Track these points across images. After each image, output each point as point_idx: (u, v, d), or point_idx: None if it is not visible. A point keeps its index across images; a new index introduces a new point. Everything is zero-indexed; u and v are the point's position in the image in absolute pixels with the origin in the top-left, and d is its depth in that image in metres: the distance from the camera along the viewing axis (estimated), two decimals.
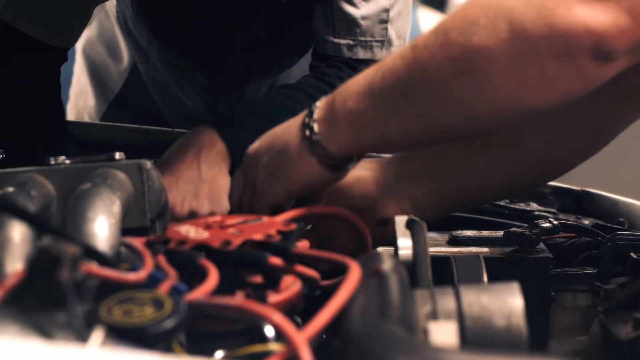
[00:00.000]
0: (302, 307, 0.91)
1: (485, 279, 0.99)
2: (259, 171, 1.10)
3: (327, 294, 0.80)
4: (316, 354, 0.69)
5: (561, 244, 1.28)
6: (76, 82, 2.05)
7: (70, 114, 2.00)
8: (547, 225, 1.23)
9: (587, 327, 1.14)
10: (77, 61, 2.06)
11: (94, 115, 2.00)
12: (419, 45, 0.98)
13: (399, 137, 1.03)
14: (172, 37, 1.73)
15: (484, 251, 1.18)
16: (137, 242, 0.87)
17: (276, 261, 0.86)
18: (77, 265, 0.70)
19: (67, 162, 0.99)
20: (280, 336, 0.76)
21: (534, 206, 1.51)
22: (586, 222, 1.41)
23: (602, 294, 1.09)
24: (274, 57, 1.77)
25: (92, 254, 0.77)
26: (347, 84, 1.04)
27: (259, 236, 0.90)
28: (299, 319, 0.90)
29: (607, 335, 1.02)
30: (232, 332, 0.81)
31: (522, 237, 1.19)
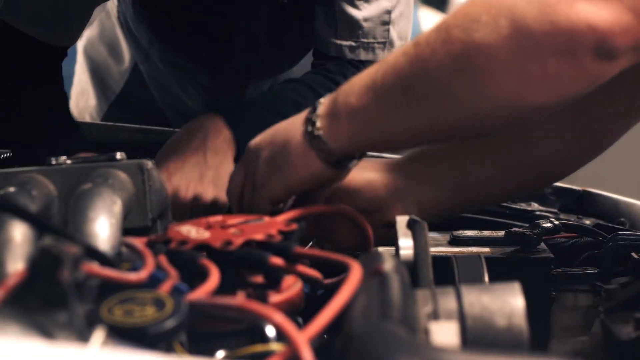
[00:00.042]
0: (303, 307, 0.91)
1: (486, 279, 0.98)
2: (259, 165, 1.10)
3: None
4: (317, 354, 0.69)
5: (562, 244, 1.28)
6: (77, 82, 2.05)
7: None
8: (548, 225, 1.23)
9: (588, 327, 1.14)
10: (78, 61, 2.06)
11: (95, 115, 2.00)
12: (421, 42, 0.98)
13: (400, 134, 1.03)
14: (172, 37, 1.73)
15: (485, 251, 1.18)
16: (138, 242, 0.87)
17: (277, 261, 0.86)
18: (78, 265, 0.70)
19: (68, 162, 0.99)
20: (281, 336, 0.76)
21: (535, 206, 1.51)
22: (587, 222, 1.41)
23: (603, 294, 1.09)
24: (275, 57, 1.77)
25: (93, 254, 0.76)
26: (351, 81, 1.05)
27: (260, 236, 0.90)
28: (300, 319, 0.89)
29: (608, 335, 1.02)
30: (233, 332, 0.81)
31: (523, 237, 1.19)
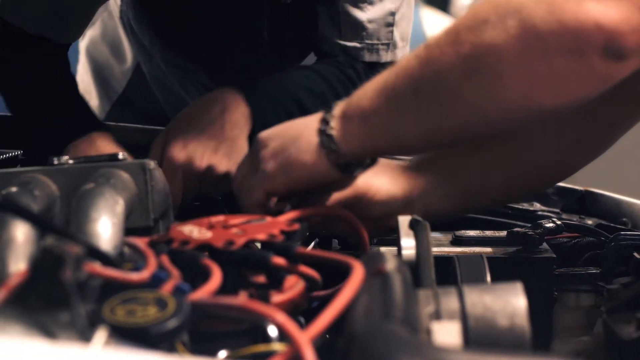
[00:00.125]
0: (305, 307, 0.91)
1: (488, 279, 0.98)
2: (265, 154, 1.10)
3: (324, 304, 0.79)
4: (319, 354, 0.69)
5: (564, 244, 1.28)
6: (80, 82, 2.04)
7: None
8: (551, 225, 1.23)
9: (590, 327, 1.14)
10: (80, 61, 2.06)
11: (98, 115, 2.00)
12: (432, 44, 0.98)
13: (410, 137, 1.03)
14: (173, 37, 1.73)
15: (487, 251, 1.18)
16: (141, 242, 0.87)
17: (279, 261, 0.86)
18: (80, 265, 0.70)
19: (71, 162, 0.99)
20: (283, 336, 0.76)
21: (537, 206, 1.51)
22: (589, 222, 1.41)
23: (606, 294, 1.09)
24: (277, 57, 1.77)
25: (95, 253, 0.77)
26: (364, 85, 1.05)
27: (262, 236, 0.90)
28: (302, 319, 0.90)
29: (610, 335, 1.02)
30: (236, 332, 0.81)
31: (526, 237, 1.19)
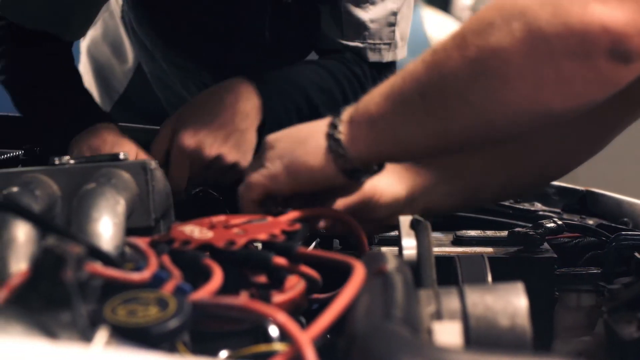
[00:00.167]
0: (306, 307, 0.91)
1: (489, 279, 0.98)
2: (272, 154, 1.09)
3: (323, 307, 0.79)
4: (320, 354, 0.69)
5: (565, 244, 1.28)
6: None
7: None
8: (552, 225, 1.23)
9: (591, 327, 1.14)
10: (81, 61, 2.06)
11: None
12: (438, 48, 0.97)
13: (417, 142, 1.02)
14: (173, 37, 1.73)
15: (488, 251, 1.18)
16: (142, 242, 0.87)
17: (280, 261, 0.86)
18: (81, 265, 0.70)
19: (72, 162, 0.99)
20: (284, 336, 0.76)
21: (538, 206, 1.51)
22: (590, 222, 1.41)
23: (607, 294, 1.09)
24: (278, 57, 1.77)
25: (96, 253, 0.77)
26: (372, 90, 1.05)
27: (263, 236, 0.90)
28: (303, 319, 0.90)
29: (611, 335, 1.02)
30: (237, 332, 0.81)
31: (527, 237, 1.19)
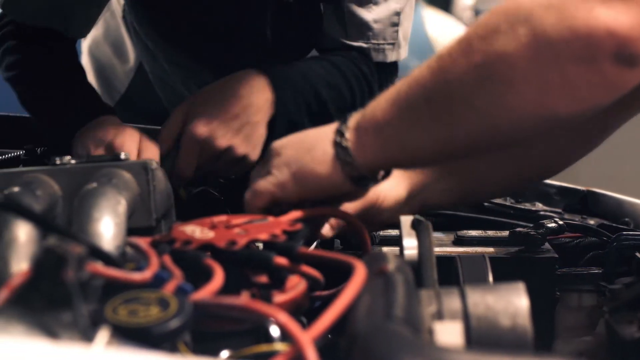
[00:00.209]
0: (307, 307, 0.91)
1: (490, 279, 0.99)
2: (279, 162, 1.09)
3: (326, 304, 0.79)
4: (322, 354, 0.69)
5: (567, 244, 1.28)
6: None
7: None
8: (553, 225, 1.23)
9: (592, 327, 1.14)
10: (83, 61, 2.06)
11: None
12: (443, 54, 0.97)
13: (423, 148, 1.01)
14: (173, 36, 1.73)
15: (490, 251, 1.18)
16: (143, 242, 0.87)
17: (282, 261, 0.86)
18: (82, 265, 0.70)
19: (73, 162, 0.99)
20: (285, 336, 0.76)
21: (540, 206, 1.51)
22: (591, 222, 1.41)
23: (608, 294, 1.09)
24: (279, 57, 1.77)
25: (97, 253, 0.77)
26: (378, 97, 1.04)
27: (264, 236, 0.90)
28: (304, 319, 0.90)
29: (612, 335, 1.02)
30: (238, 332, 0.81)
31: (528, 237, 1.19)
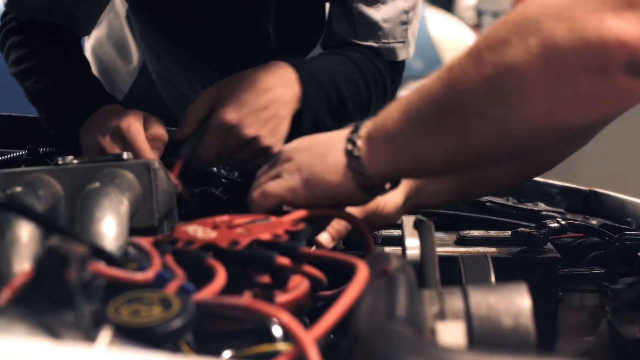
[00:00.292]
0: (309, 307, 0.91)
1: (492, 279, 0.98)
2: (290, 167, 1.08)
3: (329, 304, 0.79)
4: (324, 354, 0.69)
5: (569, 244, 1.28)
6: None
7: None
8: (555, 225, 1.23)
9: (594, 327, 1.14)
10: None
11: None
12: (454, 65, 0.97)
13: (434, 159, 1.01)
14: (174, 36, 1.73)
15: (492, 251, 1.18)
16: (145, 241, 0.87)
17: (284, 261, 0.86)
18: (84, 265, 0.70)
19: (75, 161, 0.99)
20: (288, 336, 0.76)
21: (542, 206, 1.51)
22: (594, 222, 1.41)
23: (610, 294, 1.09)
24: (282, 55, 1.77)
25: (99, 253, 0.77)
26: (389, 106, 1.04)
27: (266, 236, 0.90)
28: (306, 319, 0.90)
29: (614, 335, 1.02)
30: (240, 332, 0.81)
31: (530, 237, 1.19)
